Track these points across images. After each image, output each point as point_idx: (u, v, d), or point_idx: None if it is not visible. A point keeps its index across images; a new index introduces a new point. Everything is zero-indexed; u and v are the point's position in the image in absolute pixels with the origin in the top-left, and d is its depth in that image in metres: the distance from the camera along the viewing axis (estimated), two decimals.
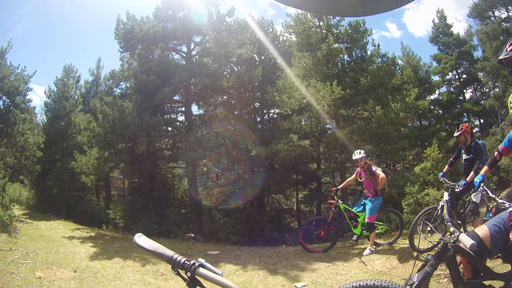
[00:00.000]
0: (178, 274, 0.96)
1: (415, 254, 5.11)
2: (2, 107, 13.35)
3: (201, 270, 0.93)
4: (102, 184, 16.15)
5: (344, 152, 11.13)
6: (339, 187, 6.57)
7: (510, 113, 2.02)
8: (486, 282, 2.26)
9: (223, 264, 6.43)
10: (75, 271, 6.04)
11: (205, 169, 13.05)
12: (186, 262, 0.94)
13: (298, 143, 11.37)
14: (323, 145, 12.14)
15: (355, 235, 6.17)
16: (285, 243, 9.07)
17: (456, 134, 5.25)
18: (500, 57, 1.86)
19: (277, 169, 12.89)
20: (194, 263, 0.94)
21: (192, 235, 11.17)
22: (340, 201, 6.15)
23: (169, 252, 0.96)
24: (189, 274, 0.93)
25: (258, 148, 11.27)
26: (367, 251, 5.79)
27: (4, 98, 13.39)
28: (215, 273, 0.93)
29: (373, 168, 5.75)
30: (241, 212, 12.67)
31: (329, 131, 12.91)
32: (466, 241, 1.94)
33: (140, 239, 1.00)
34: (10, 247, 7.01)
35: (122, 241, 9.34)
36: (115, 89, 14.15)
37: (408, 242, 5.37)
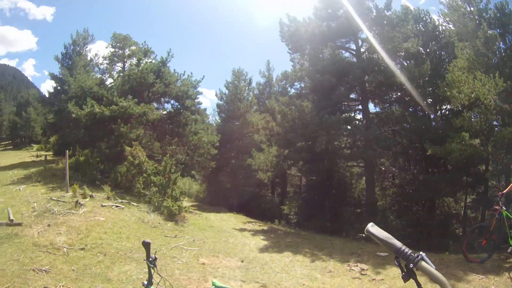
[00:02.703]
0: (399, 264, 1.03)
1: None
2: (171, 109, 14.74)
3: (423, 263, 0.97)
4: (278, 181, 16.63)
5: (510, 153, 9.96)
6: (504, 191, 5.63)
7: None
8: None
9: (389, 266, 5.96)
10: (242, 261, 6.04)
11: (383, 168, 12.76)
12: (411, 254, 0.98)
13: (470, 142, 10.53)
14: (491, 144, 11.09)
15: (510, 247, 5.33)
16: (448, 251, 8.37)
17: None
18: None
19: (450, 170, 12.06)
20: (418, 255, 0.98)
21: (364, 235, 10.89)
22: (504, 208, 5.38)
23: (398, 243, 1.01)
24: (411, 265, 0.97)
25: (434, 147, 10.67)
26: None
27: (172, 102, 14.79)
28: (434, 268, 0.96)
29: None
30: (413, 215, 12.10)
31: (496, 128, 11.79)
32: None
33: (373, 228, 1.05)
34: (176, 234, 7.29)
35: (295, 236, 9.37)
36: (289, 89, 14.56)
37: None
